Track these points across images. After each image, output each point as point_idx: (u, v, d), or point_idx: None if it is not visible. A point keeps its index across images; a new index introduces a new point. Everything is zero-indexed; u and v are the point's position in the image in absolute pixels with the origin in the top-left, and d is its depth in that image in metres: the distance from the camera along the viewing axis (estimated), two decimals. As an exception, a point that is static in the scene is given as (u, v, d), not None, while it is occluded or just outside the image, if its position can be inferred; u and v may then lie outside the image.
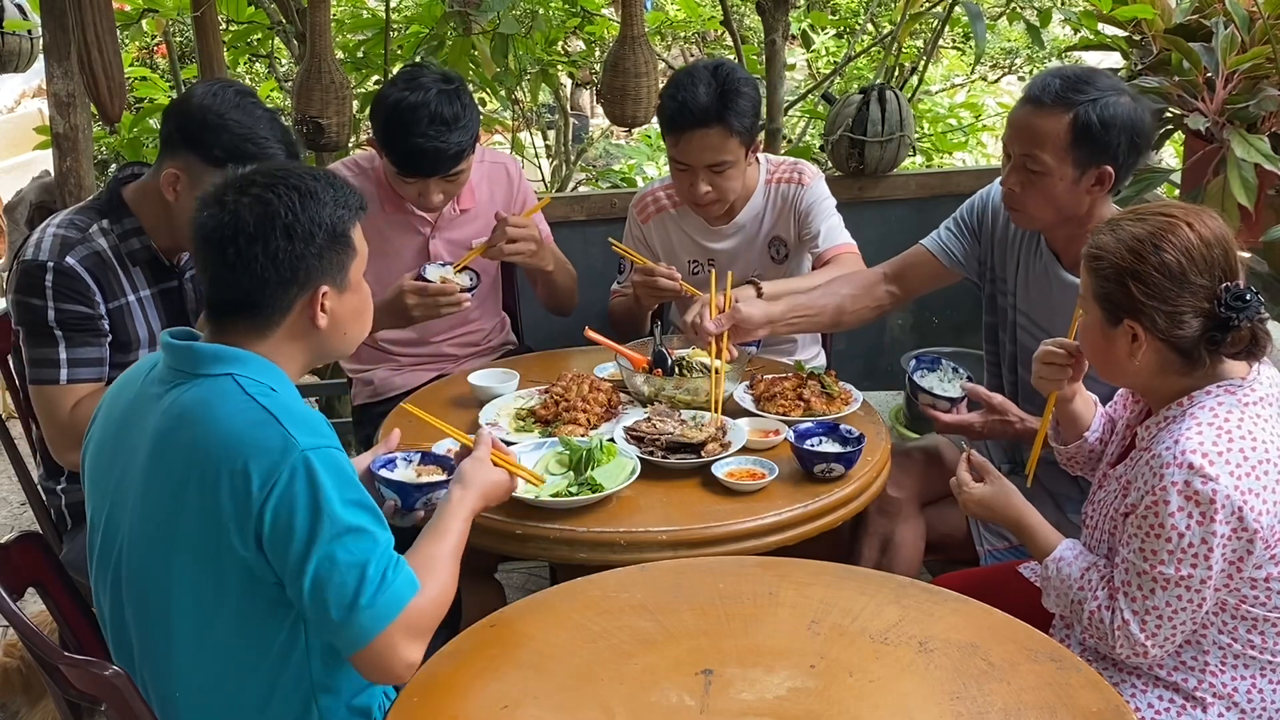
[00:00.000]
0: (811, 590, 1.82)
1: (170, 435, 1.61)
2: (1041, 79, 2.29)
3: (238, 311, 1.67)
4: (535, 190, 3.29)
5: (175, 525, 1.59)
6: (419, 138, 2.58)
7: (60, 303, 2.23)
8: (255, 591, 1.60)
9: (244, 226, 1.62)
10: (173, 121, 2.27)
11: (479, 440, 1.91)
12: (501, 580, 2.62)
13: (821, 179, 2.97)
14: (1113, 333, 1.83)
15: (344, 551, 1.55)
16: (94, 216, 2.32)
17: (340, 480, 1.58)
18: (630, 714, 1.57)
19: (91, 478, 1.75)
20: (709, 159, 2.74)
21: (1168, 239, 1.76)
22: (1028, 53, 6.45)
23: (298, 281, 1.66)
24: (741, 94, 2.70)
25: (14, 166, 6.41)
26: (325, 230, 1.67)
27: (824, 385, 2.48)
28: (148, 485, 1.63)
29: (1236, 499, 1.70)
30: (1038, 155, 2.24)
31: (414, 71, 2.73)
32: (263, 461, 1.54)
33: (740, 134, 2.73)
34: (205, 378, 1.63)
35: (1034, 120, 2.25)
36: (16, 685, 2.69)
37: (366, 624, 1.56)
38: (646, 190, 3.05)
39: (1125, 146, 2.22)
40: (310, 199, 1.66)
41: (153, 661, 1.69)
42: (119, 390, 1.77)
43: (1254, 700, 1.84)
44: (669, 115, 2.73)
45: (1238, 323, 1.75)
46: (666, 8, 6.43)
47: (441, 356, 2.99)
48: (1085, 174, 2.24)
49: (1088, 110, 2.20)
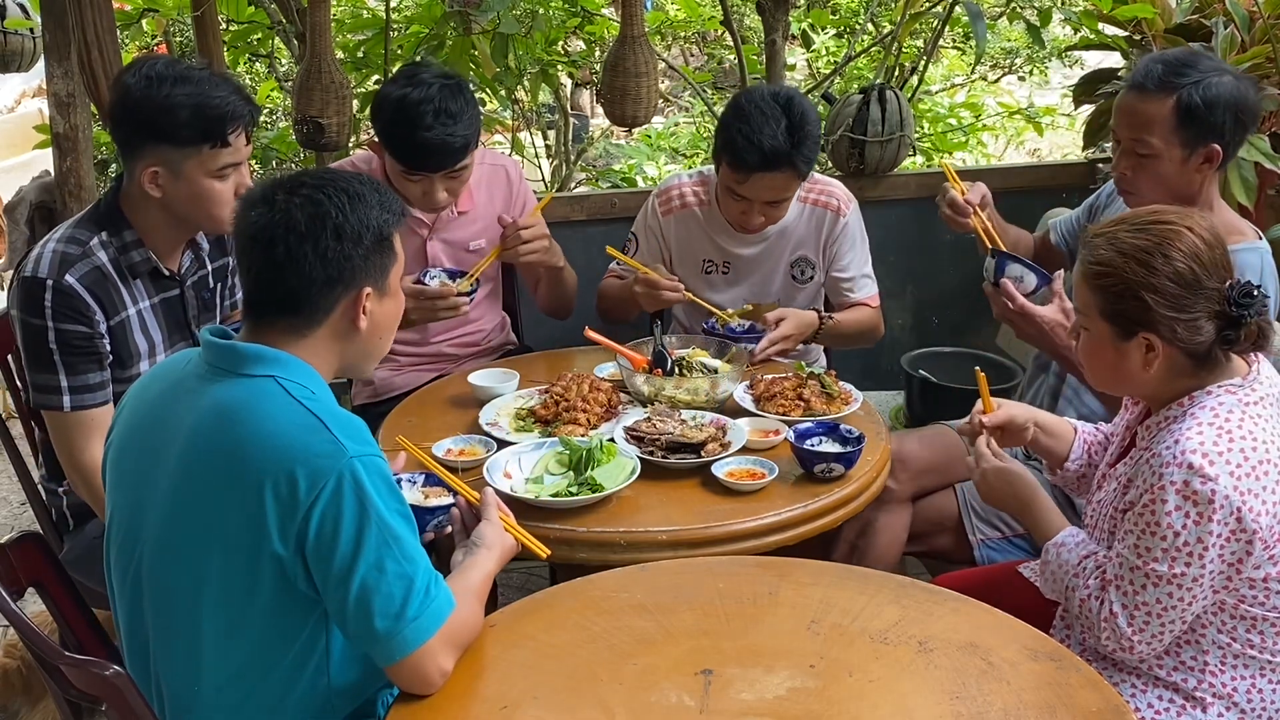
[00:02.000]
0: (811, 590, 1.82)
1: (210, 433, 1.60)
2: (1144, 65, 2.35)
3: (281, 310, 1.67)
4: (535, 191, 3.29)
5: (211, 522, 1.59)
6: (425, 131, 2.58)
7: (60, 323, 2.21)
8: (287, 588, 1.60)
9: (295, 225, 1.63)
10: (125, 124, 2.22)
11: (486, 501, 1.90)
12: (501, 580, 2.62)
13: (856, 208, 2.96)
14: (1125, 346, 1.81)
15: (392, 561, 1.56)
16: (93, 229, 2.28)
17: (387, 489, 1.59)
18: (630, 714, 1.57)
19: (114, 473, 1.75)
20: (770, 197, 2.74)
21: (1175, 247, 1.75)
22: (1028, 53, 6.45)
23: (343, 281, 1.67)
24: (810, 135, 2.66)
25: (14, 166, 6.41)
26: (373, 233, 1.69)
27: (824, 385, 2.48)
28: (182, 481, 1.62)
29: (1235, 500, 1.70)
30: (1146, 139, 2.30)
31: (413, 69, 2.73)
32: (310, 466, 1.54)
33: (806, 174, 2.74)
34: (246, 378, 1.63)
35: (1139, 106, 2.31)
36: (17, 686, 2.69)
37: (411, 635, 1.57)
38: (674, 183, 3.00)
39: (1230, 124, 2.28)
40: (359, 201, 1.68)
41: (171, 655, 1.68)
42: (147, 385, 1.76)
43: (1254, 700, 1.84)
44: (736, 151, 2.66)
45: (1249, 319, 1.75)
46: (666, 8, 6.43)
47: (441, 356, 2.99)
48: (1194, 154, 2.30)
49: (1190, 92, 2.26)
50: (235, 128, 2.20)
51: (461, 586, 1.71)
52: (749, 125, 2.63)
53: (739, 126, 2.65)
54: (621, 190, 3.79)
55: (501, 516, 1.90)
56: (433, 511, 1.93)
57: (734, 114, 2.69)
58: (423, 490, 2.02)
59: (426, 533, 1.91)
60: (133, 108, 2.19)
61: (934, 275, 3.98)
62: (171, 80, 2.18)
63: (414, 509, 1.87)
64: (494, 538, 1.83)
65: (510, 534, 1.88)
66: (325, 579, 1.57)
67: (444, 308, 2.65)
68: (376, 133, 2.71)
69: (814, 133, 2.68)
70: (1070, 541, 1.92)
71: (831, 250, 2.92)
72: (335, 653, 1.68)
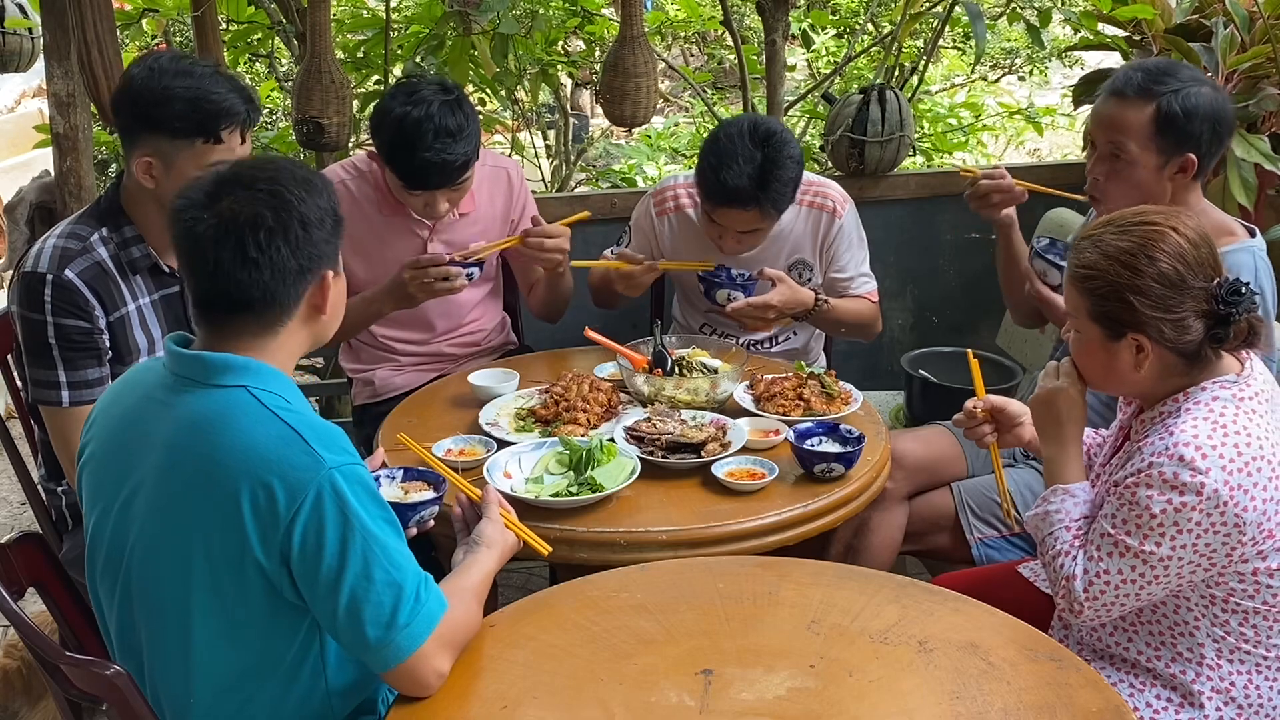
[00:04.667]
0: (811, 590, 1.82)
1: (184, 445, 1.59)
2: (1124, 73, 2.37)
3: (246, 309, 1.63)
4: (536, 191, 3.29)
5: (193, 534, 1.58)
6: (426, 152, 2.57)
7: (59, 318, 2.21)
8: (276, 596, 1.59)
9: (263, 220, 1.60)
10: (124, 112, 2.23)
11: (488, 499, 1.90)
12: (501, 580, 2.62)
13: (852, 208, 2.95)
14: (1115, 347, 1.82)
15: (379, 570, 1.55)
16: (94, 225, 2.29)
17: (369, 496, 1.58)
18: (630, 714, 1.57)
19: (90, 486, 1.72)
20: (740, 228, 2.73)
21: (1159, 248, 1.76)
22: (1028, 53, 6.46)
23: (311, 270, 1.65)
24: (782, 180, 2.63)
25: (14, 166, 6.42)
26: (331, 215, 1.67)
27: (824, 385, 2.48)
28: (160, 493, 1.61)
29: (1225, 494, 1.70)
30: (1123, 144, 2.31)
31: (412, 85, 2.71)
32: (288, 480, 1.53)
33: (776, 216, 2.72)
34: (217, 388, 1.60)
35: (1118, 111, 2.32)
36: (17, 686, 2.69)
37: (404, 642, 1.56)
38: (670, 184, 3.01)
39: (1208, 135, 2.29)
40: (312, 187, 1.66)
41: (165, 665, 1.67)
42: (115, 398, 1.74)
43: (1251, 696, 1.84)
44: (705, 185, 2.68)
45: (1237, 316, 1.75)
46: (666, 8, 6.42)
47: (441, 356, 2.99)
48: (1169, 162, 2.31)
49: (1170, 100, 2.27)
50: (230, 125, 2.21)
51: (458, 586, 1.71)
52: (719, 160, 2.62)
53: (710, 159, 2.65)
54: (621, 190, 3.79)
55: (503, 513, 1.90)
56: (414, 508, 1.92)
57: (710, 144, 2.69)
58: (402, 486, 2.01)
59: (409, 528, 1.90)
60: (134, 96, 2.21)
61: (934, 275, 3.98)
62: (173, 73, 2.19)
63: (395, 506, 1.84)
64: (495, 535, 1.83)
65: (512, 531, 1.88)
66: (313, 592, 1.56)
67: (440, 280, 2.64)
68: (377, 148, 2.71)
69: (786, 175, 2.64)
70: (1081, 495, 1.91)
71: (829, 253, 2.92)
72: (331, 655, 1.68)
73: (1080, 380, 1.94)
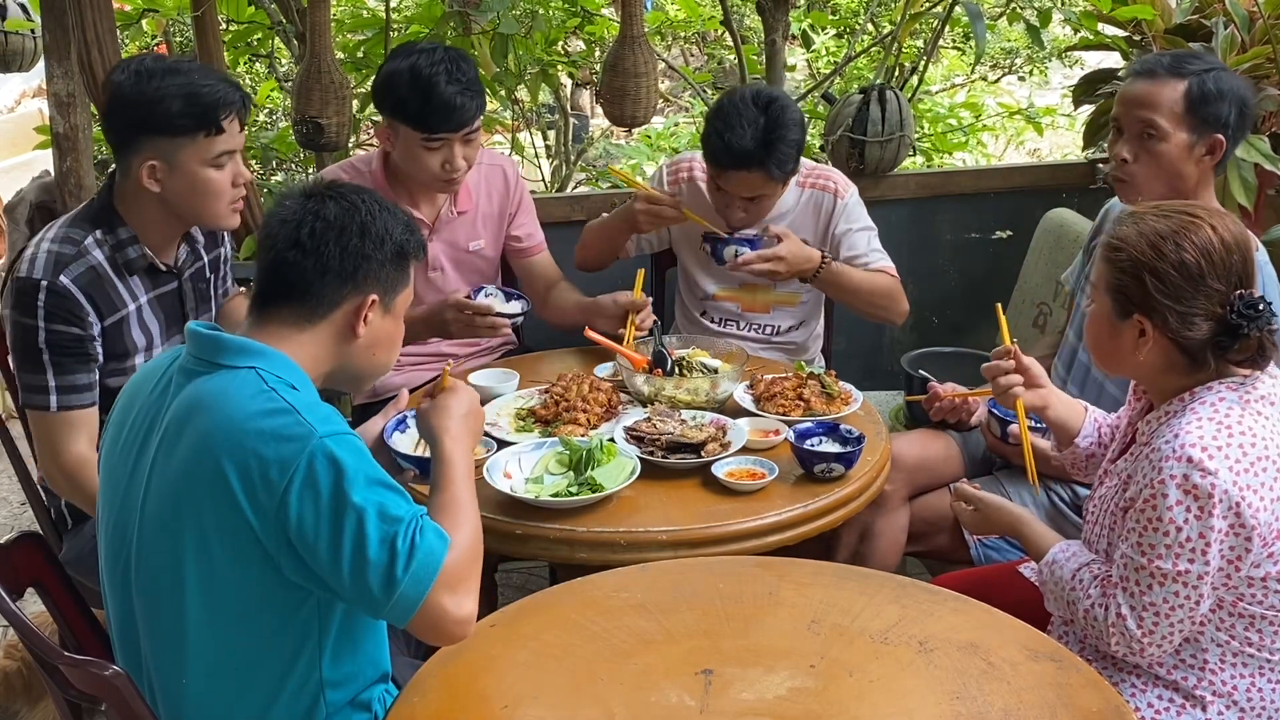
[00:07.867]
0: (811, 590, 1.82)
1: (183, 421, 1.61)
2: (1150, 57, 2.39)
3: (288, 297, 1.69)
4: (536, 192, 3.29)
5: (186, 508, 1.59)
6: (450, 85, 2.61)
7: (52, 324, 2.20)
8: (274, 578, 1.60)
9: (325, 214, 1.69)
10: (119, 120, 2.22)
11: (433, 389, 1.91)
12: (501, 580, 2.63)
13: (855, 192, 2.95)
14: (1120, 325, 1.83)
15: (374, 529, 1.56)
16: (87, 228, 2.27)
17: (361, 459, 1.59)
18: (630, 714, 1.57)
19: (105, 471, 1.75)
20: (746, 194, 2.74)
21: (1189, 238, 1.76)
22: (1028, 53, 6.46)
23: (355, 280, 1.70)
24: (786, 140, 2.66)
25: (14, 166, 6.41)
26: (394, 243, 1.73)
27: (824, 385, 2.48)
28: (163, 478, 1.62)
29: (1235, 494, 1.70)
30: (1155, 120, 2.30)
31: (411, 44, 2.77)
32: (281, 449, 1.54)
33: (781, 178, 2.73)
34: (227, 369, 1.63)
35: (1150, 89, 2.32)
36: (17, 687, 2.68)
37: (410, 593, 1.56)
38: (686, 157, 3.03)
39: (1235, 117, 2.29)
40: (388, 212, 1.75)
41: (162, 652, 1.68)
42: (138, 385, 1.76)
43: (1253, 699, 1.84)
44: (710, 149, 2.70)
45: (1247, 331, 1.75)
46: (666, 8, 6.42)
47: (442, 356, 2.98)
48: (1200, 141, 2.30)
49: (1202, 79, 2.28)
50: (228, 114, 2.21)
51: (441, 504, 1.70)
52: (724, 123, 2.66)
53: (715, 126, 2.68)
54: (621, 190, 3.78)
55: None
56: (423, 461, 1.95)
57: (714, 110, 2.74)
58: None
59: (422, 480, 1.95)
60: (125, 103, 2.19)
61: (934, 275, 3.98)
62: (161, 73, 2.19)
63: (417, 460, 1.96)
64: (439, 416, 1.82)
65: (451, 392, 1.86)
66: (316, 559, 1.56)
67: (484, 324, 2.69)
68: (388, 109, 2.70)
69: (790, 137, 2.66)
70: (1061, 557, 1.93)
71: (837, 232, 2.90)
72: (328, 645, 1.67)
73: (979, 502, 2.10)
